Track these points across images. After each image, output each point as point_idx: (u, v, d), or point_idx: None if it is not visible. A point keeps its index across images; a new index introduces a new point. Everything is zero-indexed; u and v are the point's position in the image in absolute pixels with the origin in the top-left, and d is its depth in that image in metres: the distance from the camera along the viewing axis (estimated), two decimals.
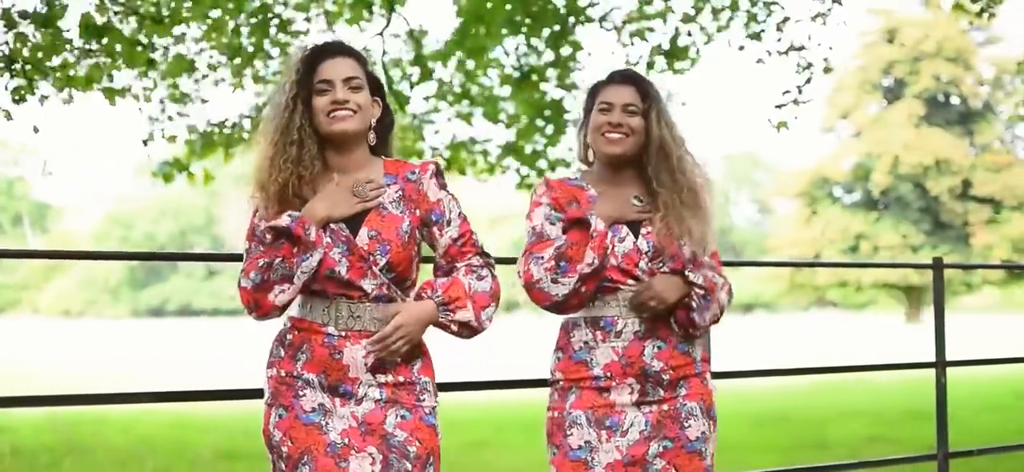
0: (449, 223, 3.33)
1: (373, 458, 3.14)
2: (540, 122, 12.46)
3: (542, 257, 3.45)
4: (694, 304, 3.55)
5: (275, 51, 11.02)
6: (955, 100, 47.50)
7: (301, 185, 3.20)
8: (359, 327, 3.18)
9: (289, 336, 3.23)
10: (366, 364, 3.18)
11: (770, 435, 11.44)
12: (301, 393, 3.17)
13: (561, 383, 3.56)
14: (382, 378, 3.20)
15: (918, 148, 45.63)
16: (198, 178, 12.43)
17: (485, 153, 13.01)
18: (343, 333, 3.18)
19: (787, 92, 11.50)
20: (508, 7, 11.31)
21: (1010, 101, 46.16)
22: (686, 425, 3.52)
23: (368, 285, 3.19)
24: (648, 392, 3.50)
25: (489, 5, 11.27)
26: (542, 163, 12.69)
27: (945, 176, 45.86)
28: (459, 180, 12.90)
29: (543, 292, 3.44)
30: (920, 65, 46.34)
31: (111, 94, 9.63)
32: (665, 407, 3.52)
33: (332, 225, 3.19)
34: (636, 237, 3.56)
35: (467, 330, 3.27)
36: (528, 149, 12.87)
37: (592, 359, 3.52)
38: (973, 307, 48.03)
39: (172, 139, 11.82)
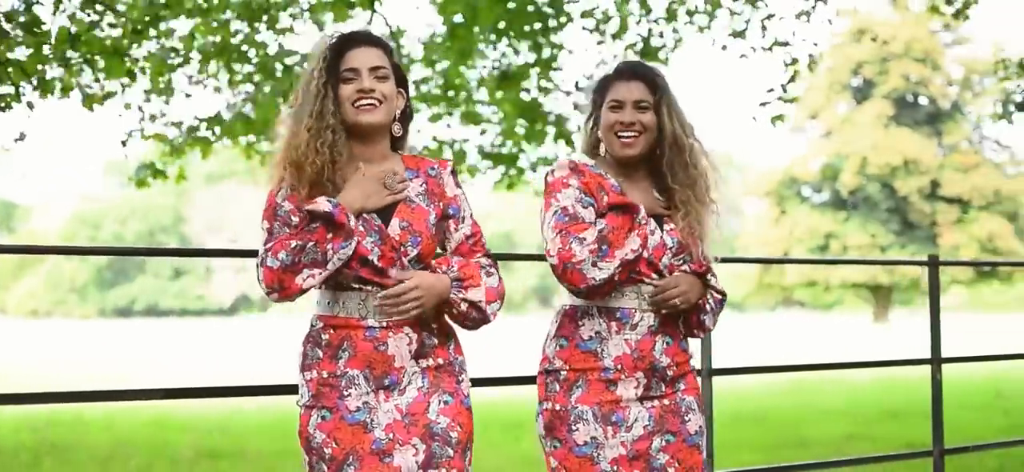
0: (463, 220, 3.37)
1: (416, 449, 3.16)
2: (522, 123, 12.45)
3: (584, 238, 3.38)
4: (708, 307, 3.60)
5: (252, 53, 10.95)
6: (924, 100, 47.77)
7: (334, 171, 3.20)
8: (399, 316, 3.19)
9: (325, 336, 3.22)
10: (411, 352, 3.20)
11: (749, 433, 11.45)
12: (346, 393, 3.17)
13: (564, 373, 3.50)
14: (424, 363, 3.23)
15: (886, 148, 45.83)
16: (171, 176, 12.34)
17: (462, 154, 13.00)
18: (384, 324, 3.18)
19: (771, 90, 11.58)
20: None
21: (978, 102, 46.45)
22: (686, 419, 3.55)
23: (398, 274, 3.20)
24: (652, 387, 3.51)
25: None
26: (523, 162, 12.69)
27: (913, 176, 46.10)
28: None
29: (581, 273, 3.37)
30: (889, 65, 46.54)
31: (90, 101, 9.54)
32: (666, 402, 3.53)
33: (364, 214, 3.19)
34: (661, 232, 3.55)
35: (476, 312, 3.28)
36: (508, 150, 12.86)
37: (603, 350, 3.49)
38: (942, 306, 48.16)
39: (158, 138, 11.72)
